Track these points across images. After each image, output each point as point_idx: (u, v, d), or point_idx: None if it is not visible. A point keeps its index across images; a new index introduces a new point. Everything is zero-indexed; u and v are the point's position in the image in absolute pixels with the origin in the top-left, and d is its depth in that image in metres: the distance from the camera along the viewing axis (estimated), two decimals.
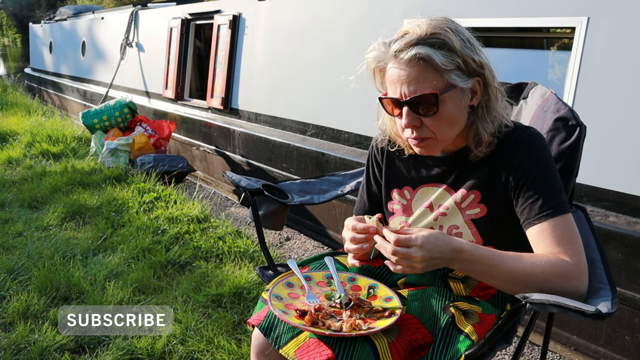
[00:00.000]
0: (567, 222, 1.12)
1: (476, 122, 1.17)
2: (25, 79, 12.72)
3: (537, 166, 1.15)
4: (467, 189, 1.23)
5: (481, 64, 1.13)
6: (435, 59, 1.08)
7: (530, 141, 1.16)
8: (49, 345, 2.08)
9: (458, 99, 1.14)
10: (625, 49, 2.11)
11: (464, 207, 1.23)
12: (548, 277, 1.05)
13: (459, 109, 1.15)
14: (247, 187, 1.66)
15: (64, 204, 3.72)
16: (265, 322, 1.18)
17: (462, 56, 1.10)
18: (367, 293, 1.27)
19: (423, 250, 1.03)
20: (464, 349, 1.10)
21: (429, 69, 1.10)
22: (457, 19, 1.17)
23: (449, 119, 1.14)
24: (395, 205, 1.35)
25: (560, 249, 1.09)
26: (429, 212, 1.28)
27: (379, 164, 1.40)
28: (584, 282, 1.08)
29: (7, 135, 6.21)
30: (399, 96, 1.13)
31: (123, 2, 26.07)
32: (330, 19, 3.62)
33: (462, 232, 1.23)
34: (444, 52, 1.09)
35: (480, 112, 1.17)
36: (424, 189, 1.30)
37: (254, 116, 4.40)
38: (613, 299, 1.03)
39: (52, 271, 2.62)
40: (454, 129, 1.17)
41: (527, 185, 1.15)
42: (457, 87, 1.12)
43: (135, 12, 6.62)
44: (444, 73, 1.10)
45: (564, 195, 1.15)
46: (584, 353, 2.28)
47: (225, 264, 2.82)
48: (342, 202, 3.31)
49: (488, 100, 1.17)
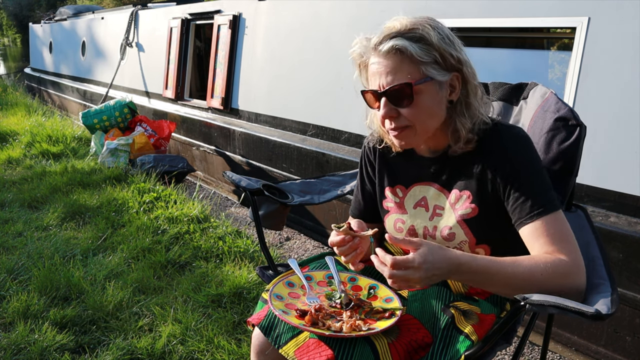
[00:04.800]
0: (559, 219, 1.13)
1: (454, 117, 1.19)
2: (25, 79, 12.71)
3: (524, 166, 1.16)
4: (459, 189, 1.24)
5: (459, 60, 1.16)
6: (411, 50, 1.11)
7: (516, 141, 1.18)
8: (49, 345, 2.08)
9: (435, 92, 1.16)
10: (625, 49, 2.11)
11: (457, 207, 1.24)
12: (547, 278, 1.05)
13: (436, 102, 1.17)
14: (247, 187, 1.66)
15: (64, 204, 3.72)
16: (266, 322, 1.19)
17: (439, 50, 1.13)
18: (368, 293, 1.27)
19: (420, 271, 1.02)
20: (464, 350, 1.10)
21: (405, 61, 1.13)
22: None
23: (426, 110, 1.16)
24: (389, 203, 1.36)
25: (555, 247, 1.10)
26: (425, 212, 1.29)
27: (371, 163, 1.41)
28: (582, 277, 1.09)
29: (7, 135, 6.21)
30: (378, 87, 1.16)
31: (123, 2, 26.08)
32: (331, 19, 3.62)
33: (455, 232, 1.23)
34: (420, 44, 1.12)
35: (459, 108, 1.19)
36: (417, 187, 1.32)
37: (254, 116, 4.40)
38: (612, 296, 1.04)
39: (52, 271, 2.62)
40: (432, 120, 1.19)
41: (516, 185, 1.16)
42: (434, 79, 1.14)
43: (135, 12, 6.62)
44: (420, 65, 1.13)
45: (553, 192, 1.16)
46: (584, 353, 2.27)
47: (225, 264, 2.82)
48: (342, 202, 3.31)
49: (467, 96, 1.19)
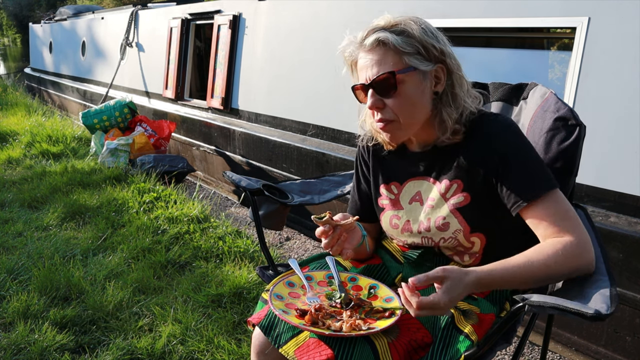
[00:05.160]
0: (557, 197, 1.15)
1: (440, 107, 1.22)
2: (25, 79, 12.70)
3: (511, 150, 1.18)
4: (449, 179, 1.25)
5: (442, 51, 1.19)
6: (393, 41, 1.15)
7: (500, 127, 1.20)
8: (49, 345, 2.08)
9: (419, 82, 1.19)
10: (625, 49, 2.10)
11: (448, 197, 1.25)
12: (562, 264, 1.08)
13: (420, 92, 1.20)
14: (247, 187, 1.66)
15: (64, 204, 3.72)
16: (266, 321, 1.19)
17: (421, 42, 1.17)
18: (368, 293, 1.27)
19: (445, 309, 1.04)
20: (463, 349, 1.10)
21: (389, 52, 1.17)
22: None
23: (410, 99, 1.19)
24: (384, 201, 1.37)
25: (559, 227, 1.12)
26: (419, 206, 1.30)
27: (366, 162, 1.43)
28: (590, 251, 1.11)
29: (7, 135, 6.20)
30: (365, 81, 1.20)
31: (123, 2, 26.08)
32: (331, 19, 3.62)
33: (449, 222, 1.24)
34: (402, 37, 1.16)
35: (445, 99, 1.22)
36: (411, 182, 1.33)
37: (254, 116, 4.40)
38: (612, 295, 1.03)
39: (52, 271, 2.62)
40: (417, 111, 1.21)
41: (507, 170, 1.17)
42: (418, 69, 1.17)
43: (135, 12, 6.62)
44: (403, 55, 1.16)
45: (546, 171, 1.18)
46: (584, 353, 2.27)
47: (225, 264, 2.82)
48: (342, 202, 3.30)
49: (452, 87, 1.21)
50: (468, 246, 1.25)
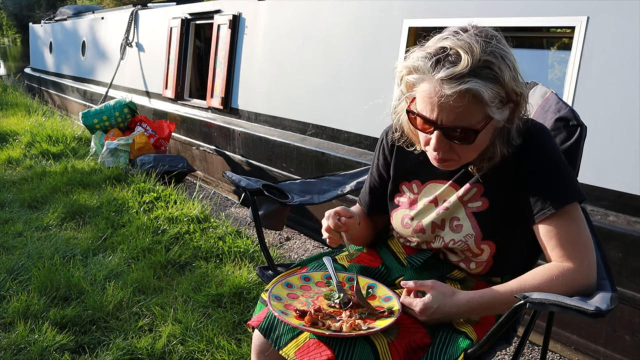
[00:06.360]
0: (572, 216, 1.12)
1: (494, 141, 1.15)
2: (25, 79, 12.70)
3: (543, 161, 1.14)
4: (470, 183, 1.23)
5: (521, 94, 1.10)
6: (484, 95, 1.04)
7: (536, 136, 1.16)
8: (49, 345, 2.08)
9: (492, 128, 1.13)
10: (625, 49, 2.11)
11: (466, 200, 1.23)
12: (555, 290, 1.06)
13: (489, 136, 1.15)
14: (247, 187, 1.66)
15: (64, 204, 3.72)
16: (265, 323, 1.18)
17: (506, 89, 1.07)
18: (366, 293, 1.27)
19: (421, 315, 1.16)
20: (463, 349, 1.10)
21: (477, 106, 1.06)
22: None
23: (479, 147, 1.15)
24: (402, 198, 1.34)
25: (564, 252, 1.11)
26: (433, 207, 1.28)
27: (386, 156, 1.38)
28: (590, 277, 1.10)
29: (7, 135, 6.20)
30: (435, 119, 1.09)
31: (123, 2, 26.06)
32: (330, 19, 3.62)
33: (462, 225, 1.22)
34: (493, 84, 1.05)
35: (502, 132, 1.14)
36: (432, 184, 1.30)
37: (253, 116, 4.40)
38: (612, 293, 1.05)
39: (52, 271, 2.62)
40: (478, 152, 1.17)
41: (533, 180, 1.14)
42: (494, 118, 1.10)
43: (135, 12, 6.62)
44: (487, 107, 1.07)
45: (574, 183, 1.14)
46: (584, 353, 2.28)
47: (225, 264, 2.82)
48: (342, 202, 3.30)
49: (511, 122, 1.14)
50: (477, 252, 1.23)
